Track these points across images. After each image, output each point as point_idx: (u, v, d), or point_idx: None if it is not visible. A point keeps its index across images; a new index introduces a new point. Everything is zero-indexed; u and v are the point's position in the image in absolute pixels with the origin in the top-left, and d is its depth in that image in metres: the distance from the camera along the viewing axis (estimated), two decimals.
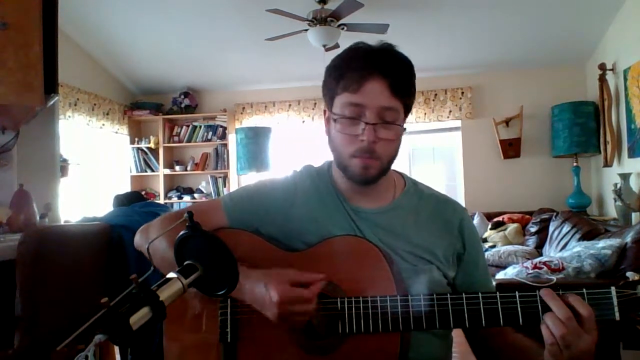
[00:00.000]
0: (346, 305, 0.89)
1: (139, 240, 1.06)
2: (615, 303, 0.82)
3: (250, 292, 0.87)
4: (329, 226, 0.99)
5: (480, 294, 0.86)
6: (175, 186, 5.81)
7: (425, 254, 0.98)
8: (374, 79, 0.91)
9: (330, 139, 1.00)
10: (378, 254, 0.92)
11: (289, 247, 1.00)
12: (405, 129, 0.97)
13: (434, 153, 5.95)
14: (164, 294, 0.64)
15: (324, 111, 1.02)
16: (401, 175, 1.10)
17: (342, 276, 0.92)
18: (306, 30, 3.99)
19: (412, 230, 1.00)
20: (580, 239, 2.95)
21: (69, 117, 4.49)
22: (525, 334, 0.96)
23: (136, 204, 2.46)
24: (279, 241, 1.01)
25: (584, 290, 0.83)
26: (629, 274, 0.84)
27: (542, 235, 3.88)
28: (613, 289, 0.82)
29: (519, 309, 0.84)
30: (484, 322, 0.85)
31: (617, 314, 0.81)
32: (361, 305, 0.89)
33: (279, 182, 1.09)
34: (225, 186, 5.58)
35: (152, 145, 5.61)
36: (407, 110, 0.98)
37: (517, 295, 0.84)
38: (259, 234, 1.03)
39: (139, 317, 0.60)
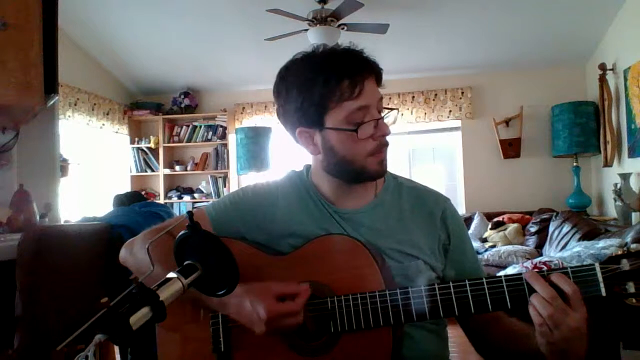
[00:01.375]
0: (336, 304, 0.89)
1: (123, 255, 1.05)
2: (601, 279, 0.81)
3: (236, 309, 0.87)
4: (314, 229, 0.99)
5: (467, 282, 0.86)
6: (175, 186, 5.81)
7: (411, 249, 0.98)
8: (368, 77, 0.93)
9: (331, 152, 0.96)
10: (364, 250, 0.92)
11: (275, 251, 1.00)
12: (398, 109, 1.00)
13: (434, 153, 5.94)
14: (164, 293, 0.64)
15: (299, 132, 0.98)
16: None
17: (330, 275, 0.92)
18: (306, 30, 3.99)
19: (395, 226, 1.00)
20: (580, 239, 2.95)
21: (69, 117, 4.49)
22: (520, 319, 0.96)
23: (136, 203, 2.46)
24: (266, 246, 1.01)
25: (569, 269, 0.83)
26: (612, 248, 0.85)
27: (542, 235, 3.88)
28: (597, 265, 0.82)
29: (507, 293, 0.84)
30: (472, 309, 0.85)
31: (602, 290, 0.81)
32: (351, 302, 0.89)
33: (262, 188, 1.09)
34: (225, 186, 5.58)
35: (152, 145, 5.61)
36: None
37: (504, 280, 0.84)
38: (245, 240, 1.03)
39: (139, 317, 0.60)
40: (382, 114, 0.95)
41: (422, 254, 0.98)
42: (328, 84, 0.91)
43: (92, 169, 5.07)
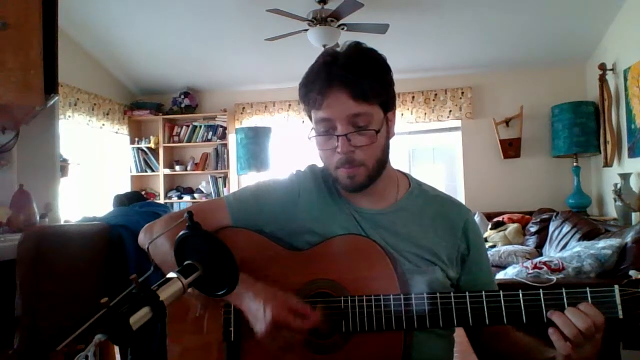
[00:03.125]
0: (349, 304, 0.90)
1: (142, 238, 1.06)
2: (619, 301, 0.82)
3: (248, 302, 0.87)
4: (332, 226, 1.00)
5: (483, 293, 0.86)
6: (175, 186, 5.81)
7: (429, 255, 0.98)
8: (333, 91, 0.92)
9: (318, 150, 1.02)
10: (381, 253, 0.92)
11: (293, 246, 1.01)
12: (378, 130, 0.94)
13: (434, 153, 5.95)
14: (164, 293, 0.64)
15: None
16: (406, 175, 1.11)
17: (345, 275, 0.93)
18: (306, 30, 3.99)
19: (415, 231, 1.00)
20: (580, 239, 2.95)
21: (69, 117, 4.49)
22: (527, 332, 0.96)
23: (136, 203, 2.46)
24: (283, 240, 1.02)
25: (587, 289, 0.83)
26: (632, 272, 0.85)
27: (542, 235, 3.88)
28: (616, 287, 0.82)
29: (523, 308, 0.84)
30: (487, 320, 0.85)
31: (620, 313, 0.81)
32: (364, 304, 0.89)
33: (283, 181, 1.09)
34: (225, 186, 5.58)
35: (152, 145, 5.61)
36: (387, 105, 0.97)
37: (521, 294, 0.84)
38: (263, 233, 1.03)
39: (139, 317, 0.60)
40: (350, 131, 0.92)
41: (439, 261, 0.98)
42: (305, 89, 0.97)
43: (92, 169, 5.08)
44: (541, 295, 0.83)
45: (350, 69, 0.92)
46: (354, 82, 0.92)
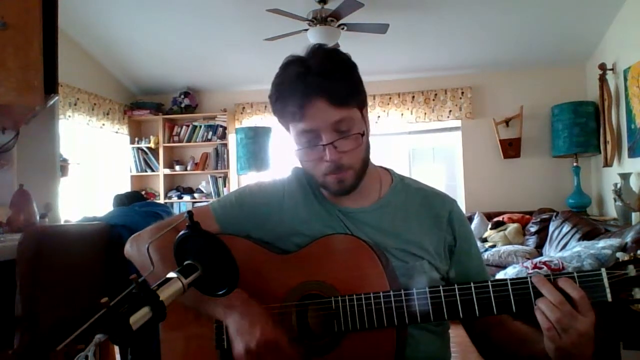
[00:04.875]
0: (340, 304, 0.89)
1: (129, 249, 1.04)
2: (607, 284, 0.81)
3: (240, 319, 0.86)
4: (319, 226, 1.00)
5: (472, 284, 0.86)
6: (175, 186, 5.81)
7: (416, 249, 0.98)
8: (311, 101, 0.90)
9: (300, 161, 1.01)
10: (369, 250, 0.92)
11: (280, 249, 1.01)
12: (363, 133, 0.94)
13: (434, 153, 5.95)
14: (164, 293, 0.64)
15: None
16: (388, 171, 1.10)
17: (335, 275, 0.92)
18: (306, 30, 3.99)
19: (401, 226, 1.00)
20: (580, 239, 2.95)
21: (69, 117, 4.49)
22: (524, 321, 0.95)
23: (136, 203, 2.46)
24: (271, 244, 1.02)
25: (575, 273, 0.82)
26: (619, 254, 0.85)
27: (542, 235, 3.88)
28: (603, 270, 0.82)
29: (512, 297, 0.83)
30: (477, 311, 0.85)
31: (609, 295, 0.81)
32: (355, 302, 0.89)
33: (268, 185, 1.09)
34: (225, 186, 5.58)
35: (152, 145, 5.61)
36: (363, 104, 0.98)
37: (509, 283, 0.84)
38: (250, 238, 1.03)
39: (139, 317, 0.60)
40: (335, 139, 0.91)
41: (427, 254, 0.98)
42: (278, 105, 0.96)
43: (92, 169, 5.08)
44: (529, 282, 0.83)
45: (326, 76, 0.91)
46: (332, 90, 0.90)
